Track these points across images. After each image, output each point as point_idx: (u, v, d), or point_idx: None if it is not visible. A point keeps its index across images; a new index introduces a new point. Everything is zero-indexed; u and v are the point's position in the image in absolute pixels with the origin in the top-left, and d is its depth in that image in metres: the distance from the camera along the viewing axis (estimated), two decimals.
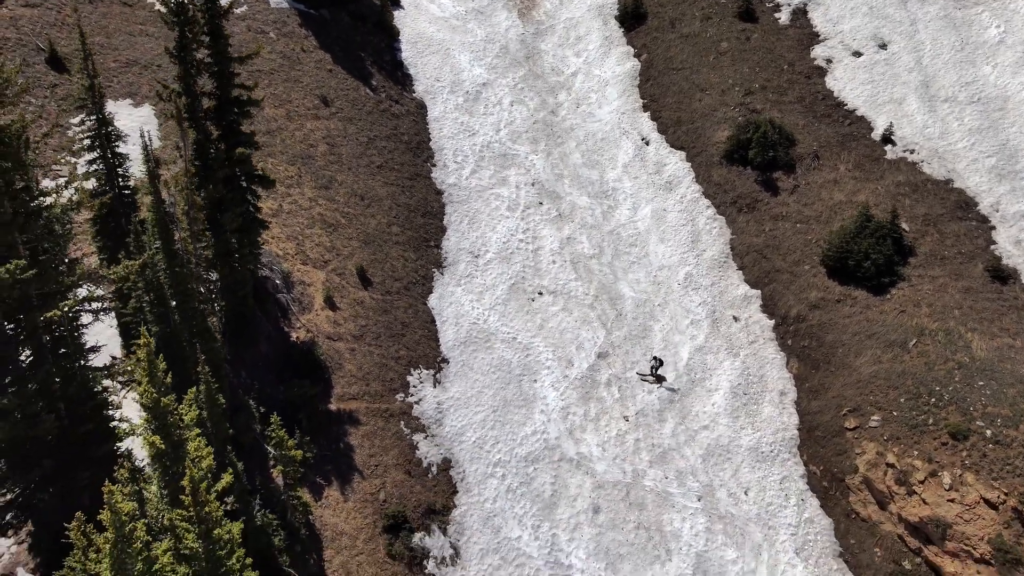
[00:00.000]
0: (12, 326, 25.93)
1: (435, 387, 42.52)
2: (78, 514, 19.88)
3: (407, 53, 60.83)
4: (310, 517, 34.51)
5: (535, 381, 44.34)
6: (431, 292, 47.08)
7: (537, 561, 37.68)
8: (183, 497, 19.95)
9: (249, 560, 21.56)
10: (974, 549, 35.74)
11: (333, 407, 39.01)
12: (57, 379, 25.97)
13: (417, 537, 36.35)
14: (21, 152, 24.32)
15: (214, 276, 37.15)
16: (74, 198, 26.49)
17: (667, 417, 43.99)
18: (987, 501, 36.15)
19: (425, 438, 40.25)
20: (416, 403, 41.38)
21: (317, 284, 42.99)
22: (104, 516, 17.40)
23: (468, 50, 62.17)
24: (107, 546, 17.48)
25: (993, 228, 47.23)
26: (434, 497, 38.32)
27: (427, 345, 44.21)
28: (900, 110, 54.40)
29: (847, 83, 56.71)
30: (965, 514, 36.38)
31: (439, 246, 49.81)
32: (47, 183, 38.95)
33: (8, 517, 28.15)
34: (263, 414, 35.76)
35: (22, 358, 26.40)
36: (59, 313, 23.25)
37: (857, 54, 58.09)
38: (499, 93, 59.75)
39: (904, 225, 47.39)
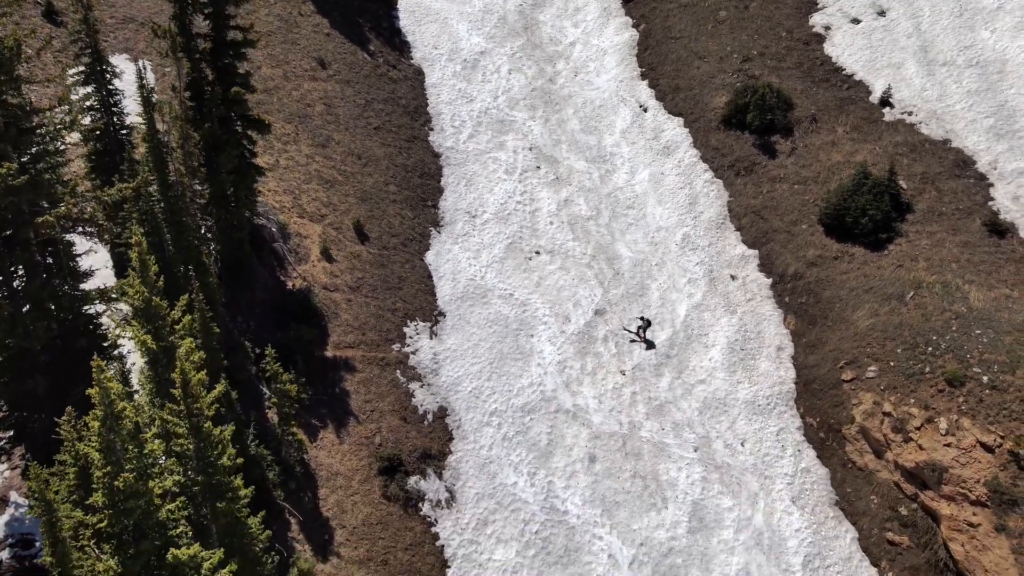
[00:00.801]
0: (5, 248, 25.91)
1: (431, 339, 42.45)
2: (68, 408, 19.80)
3: (405, 21, 60.87)
4: (305, 456, 34.44)
5: (532, 336, 44.26)
6: (428, 249, 47.03)
7: (533, 507, 37.57)
8: (173, 391, 19.90)
9: (240, 460, 21.48)
10: (970, 492, 35.60)
11: (329, 354, 38.95)
12: (49, 299, 25.90)
13: (412, 480, 36.26)
14: (14, 64, 24.29)
15: (210, 222, 37.14)
16: (67, 118, 26.46)
17: (664, 372, 43.89)
18: (983, 444, 36.03)
19: (421, 387, 40.17)
20: (412, 353, 41.31)
21: (314, 236, 42.96)
22: (93, 392, 17.29)
23: (466, 20, 62.19)
24: (95, 423, 17.37)
25: (991, 185, 47.14)
26: (430, 443, 38.24)
27: (424, 299, 44.16)
28: (898, 74, 54.35)
29: (845, 49, 56.66)
30: (961, 458, 36.25)
31: (436, 206, 49.77)
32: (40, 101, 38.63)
33: (2, 442, 28.10)
34: (258, 355, 35.70)
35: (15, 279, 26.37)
36: (51, 219, 23.19)
37: (856, 21, 58.05)
38: (497, 62, 59.76)
39: (902, 182, 47.33)
